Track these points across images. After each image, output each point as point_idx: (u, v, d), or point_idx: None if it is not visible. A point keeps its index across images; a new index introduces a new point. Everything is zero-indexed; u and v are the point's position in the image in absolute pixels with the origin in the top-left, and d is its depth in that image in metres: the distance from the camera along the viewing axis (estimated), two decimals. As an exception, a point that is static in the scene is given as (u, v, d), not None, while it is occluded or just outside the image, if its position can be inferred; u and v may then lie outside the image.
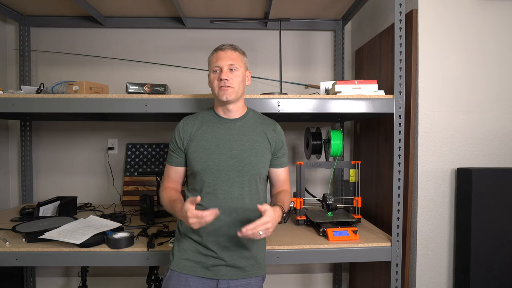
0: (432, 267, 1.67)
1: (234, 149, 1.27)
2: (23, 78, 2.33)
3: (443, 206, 1.67)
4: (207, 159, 1.25)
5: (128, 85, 1.59)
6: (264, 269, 1.33)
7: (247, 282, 1.26)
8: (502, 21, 1.67)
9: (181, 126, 1.32)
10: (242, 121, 1.33)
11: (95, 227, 1.60)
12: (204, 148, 1.27)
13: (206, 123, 1.32)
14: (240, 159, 1.26)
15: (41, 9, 2.22)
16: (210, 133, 1.29)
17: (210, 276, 1.24)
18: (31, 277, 2.37)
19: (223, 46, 1.29)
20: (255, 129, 1.32)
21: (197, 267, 1.24)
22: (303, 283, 2.54)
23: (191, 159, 1.28)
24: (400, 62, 1.51)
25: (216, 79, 1.26)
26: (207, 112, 1.36)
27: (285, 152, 1.39)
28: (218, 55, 1.27)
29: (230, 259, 1.24)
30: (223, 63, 1.26)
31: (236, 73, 1.27)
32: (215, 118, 1.33)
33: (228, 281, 1.24)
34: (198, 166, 1.26)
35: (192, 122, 1.33)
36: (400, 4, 1.50)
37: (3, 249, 1.47)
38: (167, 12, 2.26)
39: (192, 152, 1.28)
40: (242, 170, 1.26)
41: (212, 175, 1.25)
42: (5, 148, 2.40)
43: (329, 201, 1.81)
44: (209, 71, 1.32)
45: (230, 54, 1.27)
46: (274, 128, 1.36)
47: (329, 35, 2.50)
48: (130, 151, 2.40)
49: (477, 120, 1.67)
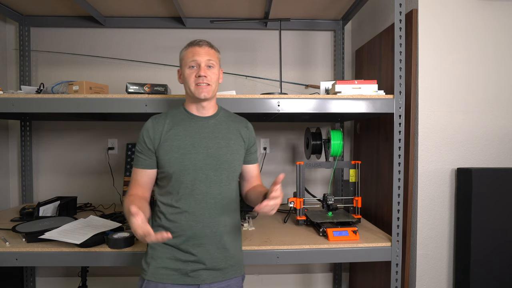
0: (432, 267, 1.67)
1: (210, 148, 1.23)
2: (23, 78, 2.33)
3: (443, 206, 1.67)
4: (183, 159, 1.20)
5: (128, 85, 1.59)
6: (243, 269, 1.32)
7: (227, 284, 1.24)
8: (502, 21, 1.67)
9: (150, 126, 1.25)
10: (215, 118, 1.30)
11: (95, 227, 1.59)
12: (179, 148, 1.21)
13: (177, 122, 1.26)
14: (217, 157, 1.23)
15: (41, 9, 2.22)
16: (183, 132, 1.24)
17: (190, 282, 1.19)
18: (31, 277, 2.37)
19: (200, 42, 1.24)
20: (228, 127, 1.30)
21: (175, 275, 1.19)
22: (303, 283, 2.54)
23: (164, 160, 1.21)
24: (400, 62, 1.51)
25: (194, 75, 1.21)
26: (177, 110, 1.31)
27: (256, 149, 1.41)
28: (195, 50, 1.22)
29: (210, 262, 1.21)
30: (201, 58, 1.21)
31: (213, 70, 1.23)
32: (187, 116, 1.28)
33: (210, 284, 1.21)
34: (174, 168, 1.20)
35: (163, 122, 1.26)
36: (400, 4, 1.50)
37: (3, 249, 1.47)
38: (167, 12, 2.26)
39: (165, 153, 1.21)
40: (219, 169, 1.23)
41: (190, 176, 1.20)
42: (5, 148, 2.40)
43: (329, 201, 1.81)
44: (181, 66, 1.26)
45: (208, 50, 1.23)
46: (246, 125, 1.36)
47: (329, 35, 2.50)
48: (130, 151, 2.40)
49: (477, 120, 1.67)
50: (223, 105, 1.41)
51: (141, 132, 1.26)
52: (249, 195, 1.36)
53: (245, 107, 1.51)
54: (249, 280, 2.49)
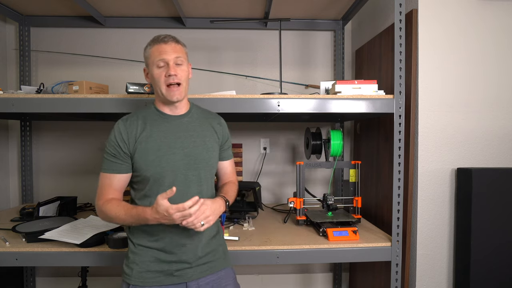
0: (432, 267, 1.67)
1: (186, 147, 1.20)
2: (23, 78, 2.33)
3: (443, 206, 1.67)
4: (160, 161, 1.16)
5: (128, 85, 1.59)
6: (229, 261, 1.31)
7: (218, 276, 1.23)
8: (502, 21, 1.67)
9: (122, 128, 1.19)
10: (188, 116, 1.26)
11: (95, 227, 1.60)
12: (155, 150, 1.17)
13: (150, 122, 1.21)
14: (194, 156, 1.21)
15: (41, 9, 2.22)
16: (157, 133, 1.19)
17: (177, 281, 1.18)
18: (31, 277, 2.37)
19: (165, 38, 1.17)
20: (202, 124, 1.27)
21: (160, 276, 1.17)
22: (303, 283, 2.54)
23: (140, 164, 1.16)
24: (400, 62, 1.51)
25: (163, 75, 1.16)
26: (147, 110, 1.25)
27: (230, 145, 1.38)
28: (161, 48, 1.16)
29: (194, 260, 1.19)
30: (168, 56, 1.15)
31: (183, 67, 1.19)
32: (159, 116, 1.23)
33: (197, 280, 1.20)
34: (151, 171, 1.16)
35: (135, 123, 1.20)
36: (400, 4, 1.50)
37: (3, 249, 1.47)
38: (167, 12, 2.26)
39: (141, 156, 1.16)
40: (197, 168, 1.21)
41: (168, 178, 1.17)
42: (5, 148, 2.39)
43: (329, 201, 1.81)
44: (148, 65, 1.21)
45: (174, 47, 1.17)
46: (219, 121, 1.34)
47: (329, 35, 2.50)
48: (130, 151, 2.40)
49: (477, 120, 1.67)
50: (222, 105, 1.41)
51: (112, 135, 1.19)
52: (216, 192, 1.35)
53: (245, 107, 1.51)
54: (249, 280, 2.49)
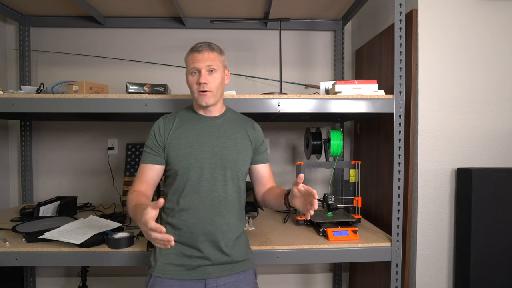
0: (432, 267, 1.67)
1: (215, 146, 1.26)
2: (23, 78, 2.33)
3: (443, 206, 1.67)
4: (189, 157, 1.23)
5: (128, 85, 1.59)
6: (252, 263, 1.32)
7: (236, 279, 1.25)
8: (502, 21, 1.67)
9: (160, 124, 1.29)
10: (222, 118, 1.33)
11: (95, 227, 1.59)
12: (186, 146, 1.24)
13: (185, 121, 1.30)
14: (222, 156, 1.25)
15: (41, 9, 2.22)
16: (190, 130, 1.27)
17: (197, 277, 1.21)
18: (31, 277, 2.37)
19: (200, 47, 1.24)
20: (235, 127, 1.32)
21: (182, 270, 1.21)
22: (303, 283, 2.54)
23: (172, 157, 1.25)
24: (400, 62, 1.51)
25: (195, 82, 1.24)
26: (185, 110, 1.35)
27: (266, 149, 1.41)
28: (194, 57, 1.23)
29: (215, 258, 1.22)
30: (201, 65, 1.22)
31: (215, 75, 1.24)
32: (194, 116, 1.31)
33: (216, 279, 1.22)
34: (180, 164, 1.23)
35: (172, 120, 1.30)
36: (400, 4, 1.50)
37: (3, 249, 1.47)
38: (167, 12, 2.26)
39: (173, 150, 1.25)
40: (224, 168, 1.25)
41: (195, 173, 1.23)
42: (5, 148, 2.39)
43: (329, 201, 1.80)
44: (187, 71, 1.29)
45: (208, 56, 1.23)
46: (253, 125, 1.38)
47: (329, 35, 2.50)
48: (130, 151, 2.40)
49: (477, 120, 1.67)
50: (223, 105, 1.41)
51: (152, 129, 1.30)
52: (267, 199, 1.35)
53: (245, 107, 1.51)
54: (249, 280, 2.49)
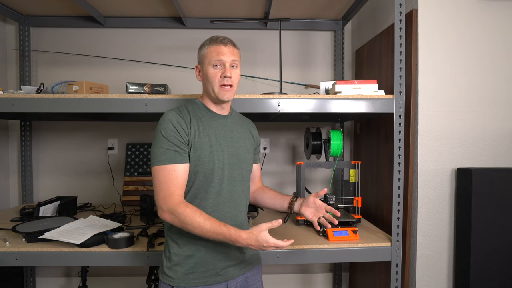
0: (432, 267, 1.67)
1: (231, 146, 1.22)
2: (23, 78, 2.33)
3: (443, 206, 1.67)
4: (213, 157, 1.16)
5: (128, 85, 1.59)
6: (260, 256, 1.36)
7: (252, 273, 1.28)
8: (502, 21, 1.67)
9: (178, 119, 1.14)
10: (231, 117, 1.29)
11: (95, 227, 1.59)
12: (208, 146, 1.16)
13: (199, 118, 1.19)
14: (238, 156, 1.24)
15: (41, 9, 2.22)
16: (208, 129, 1.19)
17: (220, 280, 1.18)
18: (31, 277, 2.37)
19: (225, 40, 1.20)
20: (241, 126, 1.32)
21: (206, 277, 1.16)
22: (303, 283, 2.54)
23: (194, 158, 1.14)
24: (400, 62, 1.51)
25: (219, 75, 1.17)
26: (195, 106, 1.23)
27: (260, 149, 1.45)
28: (220, 49, 1.18)
29: (236, 258, 1.22)
30: (226, 58, 1.17)
31: (237, 70, 1.21)
32: (208, 113, 1.22)
33: (236, 279, 1.23)
34: (204, 166, 1.15)
35: (186, 115, 1.17)
36: (400, 4, 1.50)
37: (3, 249, 1.47)
38: (167, 12, 2.26)
39: (196, 149, 1.14)
40: (241, 168, 1.24)
41: (217, 174, 1.17)
42: (5, 148, 2.39)
43: (330, 201, 1.81)
44: (202, 63, 1.21)
45: (232, 50, 1.20)
46: (253, 125, 1.40)
47: (329, 35, 2.50)
48: (130, 151, 2.40)
49: (476, 120, 1.67)
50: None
51: (169, 124, 1.13)
52: (260, 197, 1.41)
53: (245, 107, 1.51)
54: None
